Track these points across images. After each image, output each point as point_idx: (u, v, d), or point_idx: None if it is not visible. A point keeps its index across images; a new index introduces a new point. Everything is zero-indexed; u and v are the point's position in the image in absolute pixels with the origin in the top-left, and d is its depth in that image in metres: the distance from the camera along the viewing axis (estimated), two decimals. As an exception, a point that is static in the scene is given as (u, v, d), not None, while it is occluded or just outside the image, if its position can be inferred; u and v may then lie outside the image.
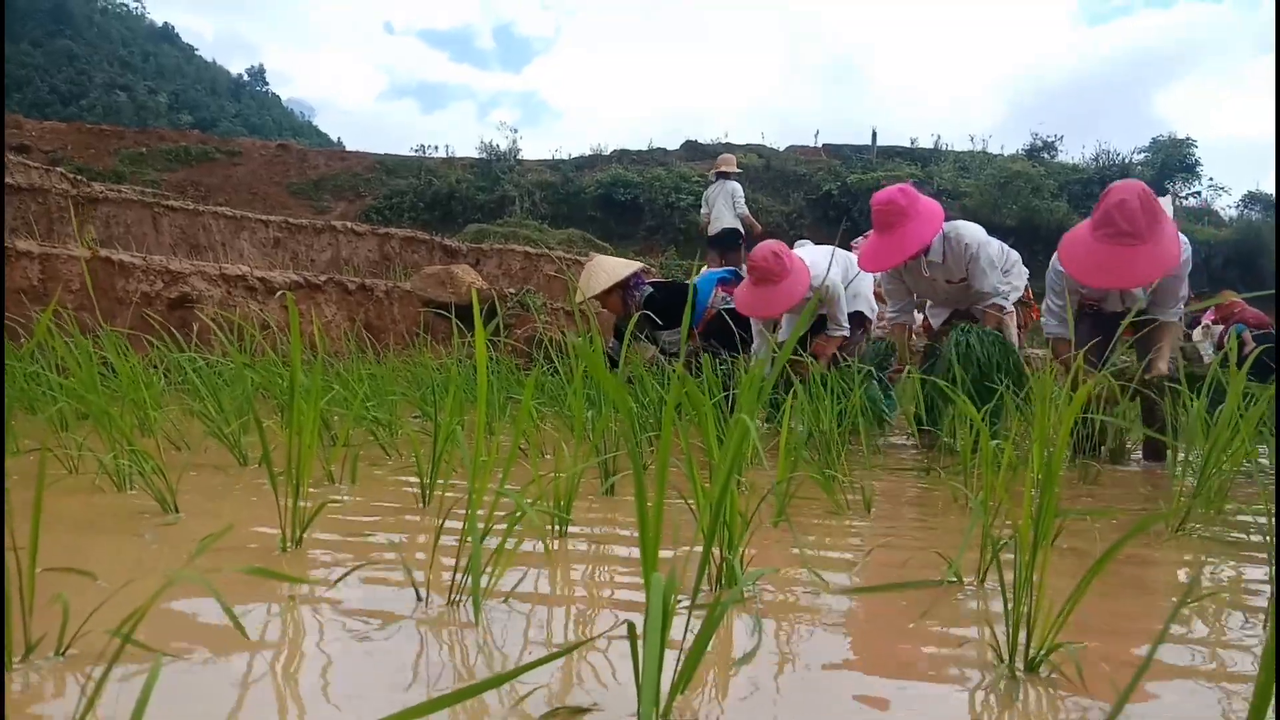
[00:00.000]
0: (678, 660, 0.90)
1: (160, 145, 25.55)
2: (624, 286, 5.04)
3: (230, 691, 0.91)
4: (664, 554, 1.56)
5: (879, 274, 4.43)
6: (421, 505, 1.97)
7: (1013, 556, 1.11)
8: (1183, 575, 1.68)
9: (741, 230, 10.14)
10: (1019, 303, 4.35)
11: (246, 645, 1.03)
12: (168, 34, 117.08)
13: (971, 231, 4.06)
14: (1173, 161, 28.13)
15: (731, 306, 4.65)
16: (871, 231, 4.04)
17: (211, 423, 2.58)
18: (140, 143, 25.39)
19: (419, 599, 1.24)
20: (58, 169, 10.13)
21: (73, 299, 4.69)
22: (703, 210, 10.72)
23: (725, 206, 10.17)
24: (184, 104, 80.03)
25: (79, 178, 10.04)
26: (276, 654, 1.02)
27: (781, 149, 31.52)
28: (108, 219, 8.58)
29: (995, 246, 4.23)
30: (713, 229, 10.32)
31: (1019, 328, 4.47)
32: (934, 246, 3.96)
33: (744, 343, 4.65)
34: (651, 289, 5.23)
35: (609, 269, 5.14)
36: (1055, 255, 3.47)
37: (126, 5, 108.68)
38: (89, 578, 1.16)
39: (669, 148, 31.86)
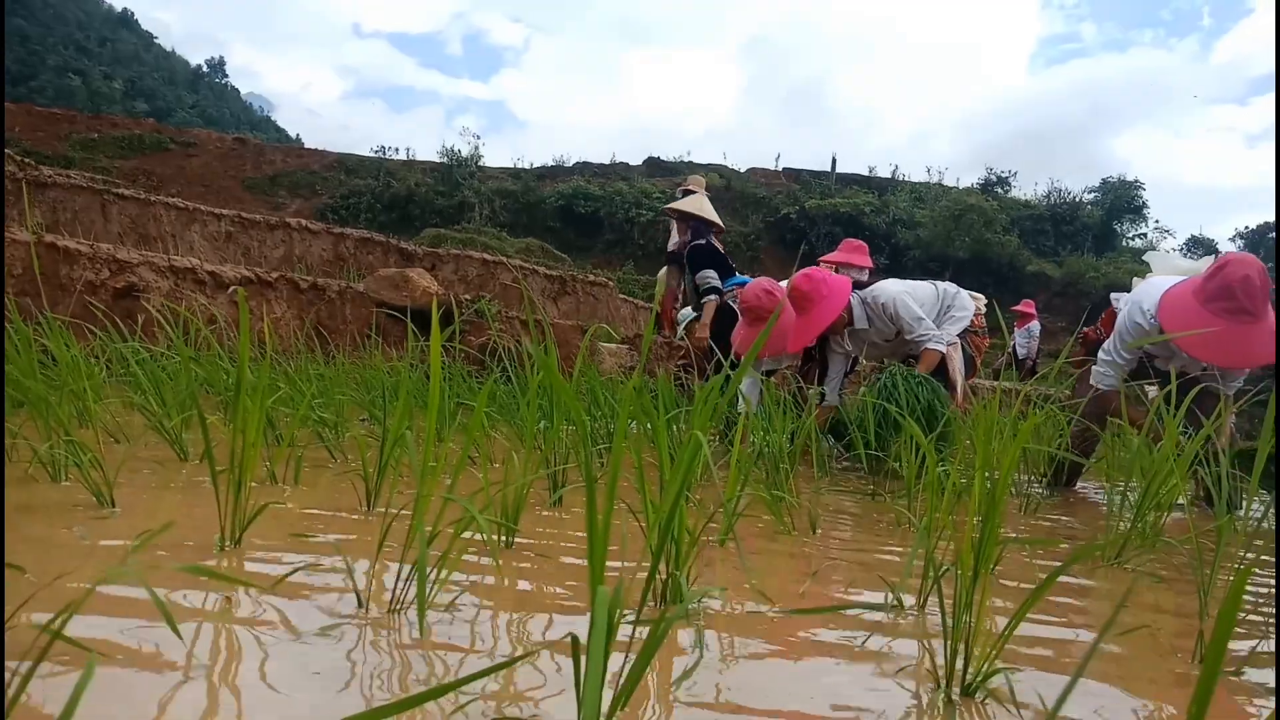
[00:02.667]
0: (620, 674, 0.90)
1: (113, 132, 25.06)
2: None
3: (159, 693, 0.88)
4: (611, 567, 1.56)
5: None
6: (366, 509, 1.94)
7: (954, 582, 1.12)
8: (1114, 605, 1.71)
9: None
10: (968, 332, 4.41)
11: (179, 647, 1.01)
12: (126, 20, 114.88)
13: (886, 289, 4.30)
14: (1121, 203, 28.94)
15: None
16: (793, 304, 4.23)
17: (153, 416, 2.52)
18: (92, 128, 24.88)
19: (360, 604, 1.22)
20: (4, 150, 9.87)
21: (14, 284, 4.57)
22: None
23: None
24: (139, 92, 78.55)
25: (26, 160, 9.79)
26: (210, 657, 1.00)
27: (742, 170, 31.79)
28: (55, 204, 8.38)
29: (923, 291, 4.40)
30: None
31: (974, 354, 4.52)
32: (856, 315, 4.27)
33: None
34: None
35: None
36: (1138, 307, 3.38)
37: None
38: (17, 570, 1.12)
39: (632, 162, 31.95)
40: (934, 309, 4.38)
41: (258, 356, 2.87)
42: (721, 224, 6.14)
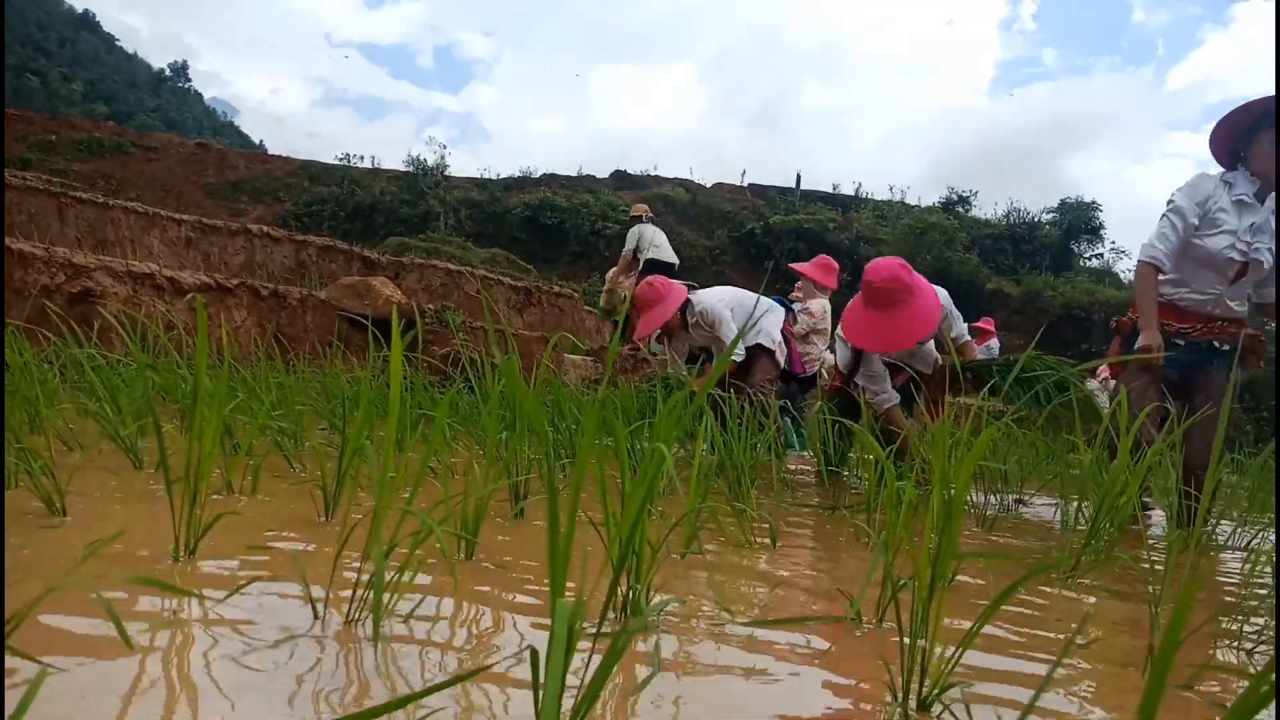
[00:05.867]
0: (579, 687, 0.89)
1: (71, 134, 24.63)
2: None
3: (108, 707, 0.87)
4: (571, 580, 1.55)
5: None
6: (324, 520, 1.92)
7: (911, 596, 1.14)
8: (1071, 620, 1.74)
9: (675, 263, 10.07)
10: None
11: (130, 658, 0.99)
12: (88, 21, 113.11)
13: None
14: (1079, 223, 29.47)
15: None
16: (858, 302, 3.81)
17: (108, 424, 2.47)
18: (50, 130, 24.44)
19: (316, 616, 1.21)
20: (4, 152, 9.67)
21: (-36, 287, 4.47)
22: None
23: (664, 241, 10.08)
24: (100, 94, 77.26)
25: (-20, 161, 9.57)
26: (162, 669, 0.98)
27: (708, 185, 31.98)
28: (10, 207, 8.21)
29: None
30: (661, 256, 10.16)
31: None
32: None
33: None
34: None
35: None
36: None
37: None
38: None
39: (599, 175, 32.00)
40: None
41: (216, 364, 2.83)
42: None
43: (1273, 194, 3.34)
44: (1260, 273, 3.37)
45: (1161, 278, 3.45)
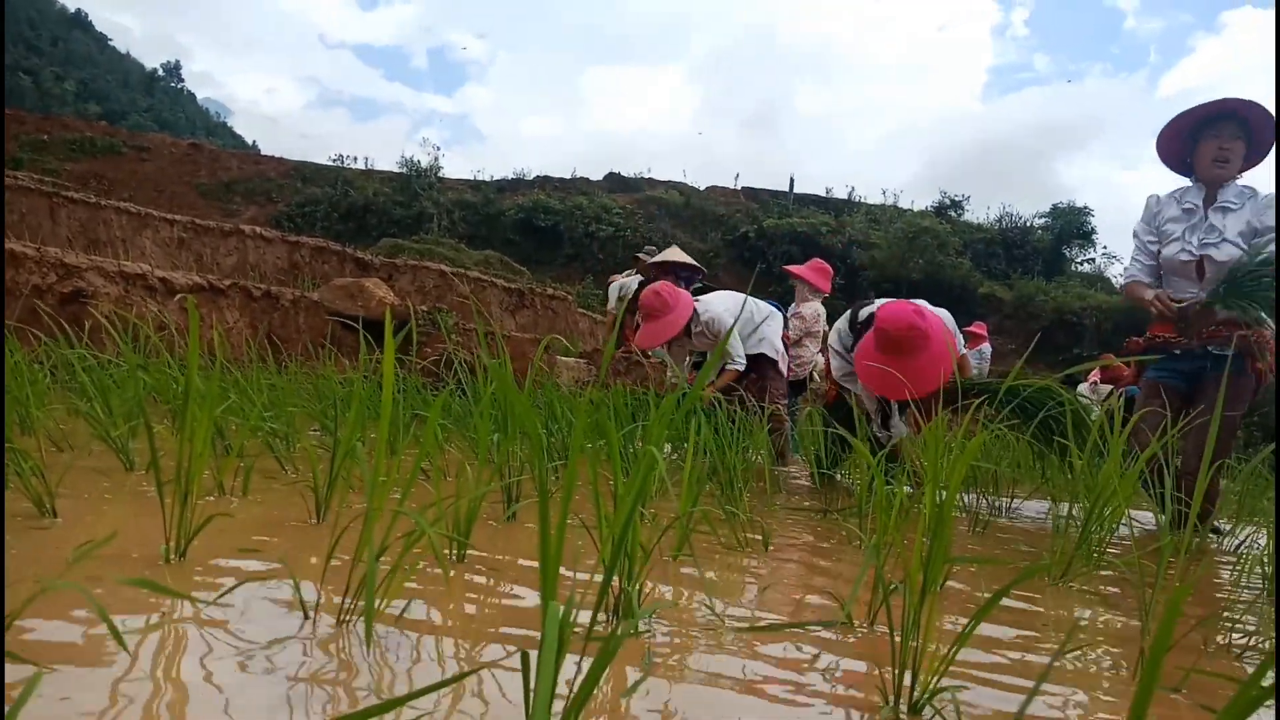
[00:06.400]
0: (570, 690, 0.89)
1: (64, 134, 24.54)
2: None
3: (99, 709, 0.86)
4: (563, 582, 1.55)
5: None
6: (316, 522, 1.92)
7: (902, 600, 1.14)
8: (1061, 624, 1.74)
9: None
10: None
11: (122, 661, 0.99)
12: (80, 20, 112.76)
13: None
14: (1070, 228, 29.57)
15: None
16: (870, 344, 3.74)
17: (99, 425, 2.46)
18: (42, 129, 24.35)
19: (307, 618, 1.21)
20: (4, 156, 9.62)
21: (-46, 286, 4.45)
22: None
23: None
24: (92, 94, 77.06)
25: (-29, 160, 9.54)
26: (153, 671, 0.98)
27: (702, 188, 31.99)
28: (0, 206, 8.16)
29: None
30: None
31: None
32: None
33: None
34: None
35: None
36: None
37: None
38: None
39: (593, 177, 32.00)
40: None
41: (208, 365, 2.82)
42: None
43: (1228, 196, 3.54)
44: (1215, 267, 3.50)
45: (1150, 294, 3.64)
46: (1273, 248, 3.36)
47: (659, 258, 6.36)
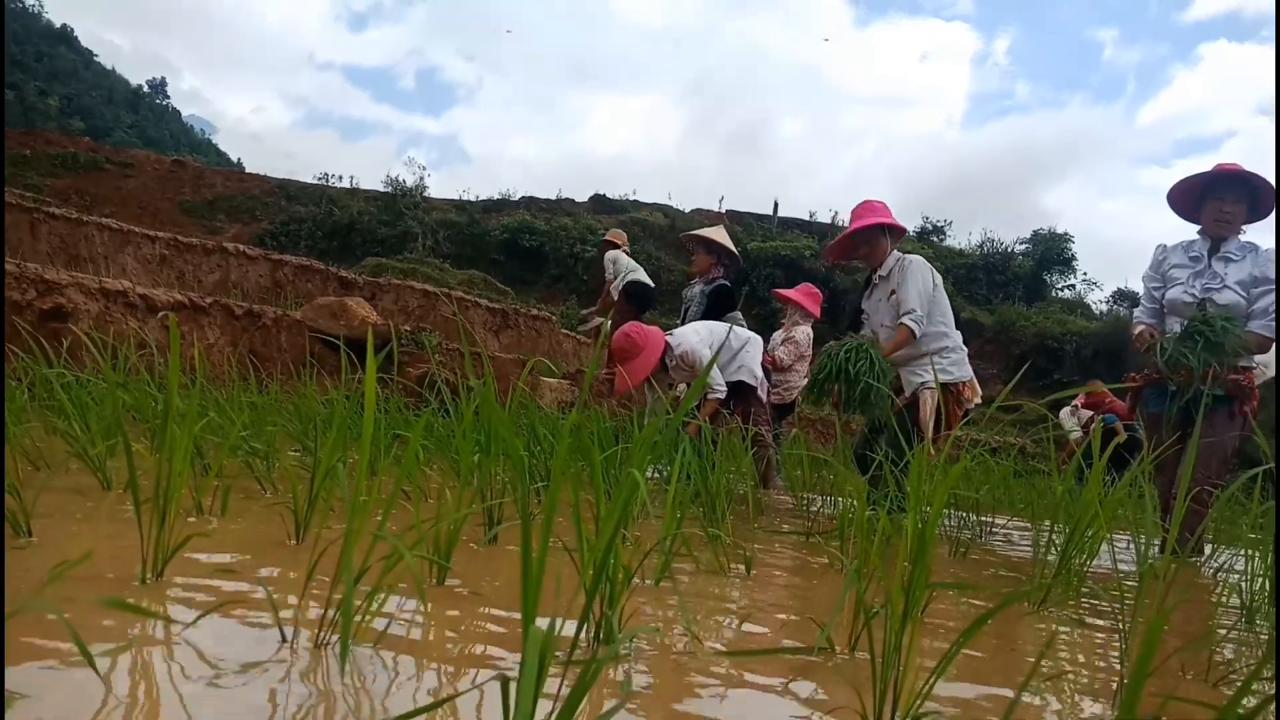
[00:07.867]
0: (550, 715, 0.89)
1: (46, 149, 24.41)
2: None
3: (69, 732, 0.85)
4: (543, 606, 1.54)
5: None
6: (295, 543, 1.90)
7: (884, 625, 1.14)
8: (1039, 650, 1.75)
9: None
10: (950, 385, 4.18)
11: (95, 682, 0.97)
12: (65, 36, 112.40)
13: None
14: (1051, 254, 29.84)
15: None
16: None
17: (76, 443, 2.44)
18: (25, 144, 24.22)
19: (284, 640, 1.19)
20: (4, 161, 9.55)
21: (-69, 301, 4.40)
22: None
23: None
24: (76, 109, 76.75)
25: (-49, 175, 9.47)
26: (127, 693, 0.96)
27: (687, 210, 32.14)
28: (-20, 221, 8.11)
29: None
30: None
31: (954, 407, 4.12)
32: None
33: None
34: None
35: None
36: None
37: (22, 2, 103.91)
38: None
39: (578, 199, 32.09)
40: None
41: (188, 383, 2.80)
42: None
43: (1230, 248, 3.90)
44: (1215, 309, 3.84)
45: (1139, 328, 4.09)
46: (1268, 299, 3.70)
47: (704, 233, 6.22)
